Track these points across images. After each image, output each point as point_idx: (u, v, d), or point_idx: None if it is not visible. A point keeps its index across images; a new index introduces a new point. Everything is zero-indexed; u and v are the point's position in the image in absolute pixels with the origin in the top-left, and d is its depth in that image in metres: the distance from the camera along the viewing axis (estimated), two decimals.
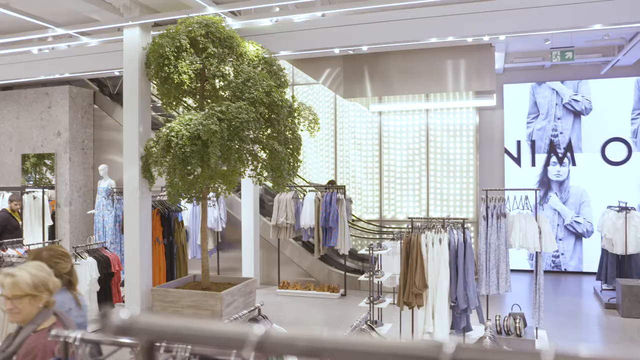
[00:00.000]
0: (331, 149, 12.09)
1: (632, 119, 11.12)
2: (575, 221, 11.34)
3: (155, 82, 7.61)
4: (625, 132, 11.14)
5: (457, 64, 9.65)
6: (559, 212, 11.41)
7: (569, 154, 11.37)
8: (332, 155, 12.09)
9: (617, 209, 8.86)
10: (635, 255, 8.87)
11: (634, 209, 8.88)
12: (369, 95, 10.30)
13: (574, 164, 11.35)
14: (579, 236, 11.33)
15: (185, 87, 7.26)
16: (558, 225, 11.40)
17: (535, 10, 7.64)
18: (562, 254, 11.35)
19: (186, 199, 7.38)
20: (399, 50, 9.48)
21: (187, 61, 7.07)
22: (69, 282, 3.15)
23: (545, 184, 11.48)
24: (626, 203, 8.91)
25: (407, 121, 11.54)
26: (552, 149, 11.46)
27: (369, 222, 11.54)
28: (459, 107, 11.16)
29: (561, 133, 11.41)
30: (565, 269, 11.34)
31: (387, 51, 9.58)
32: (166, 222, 8.73)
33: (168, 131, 6.68)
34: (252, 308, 4.37)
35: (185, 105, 7.93)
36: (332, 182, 10.66)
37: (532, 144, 11.55)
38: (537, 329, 6.67)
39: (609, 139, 11.21)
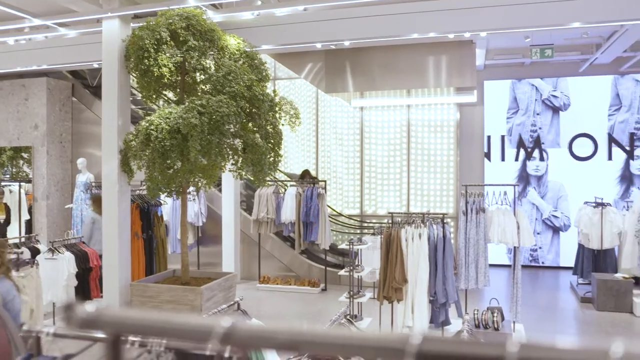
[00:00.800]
0: (313, 144, 12.08)
1: (609, 115, 11.29)
2: (553, 215, 11.50)
3: (134, 75, 7.52)
4: (602, 128, 11.31)
5: (438, 60, 9.69)
6: (537, 207, 11.57)
7: (545, 149, 11.52)
8: (314, 150, 12.08)
9: (594, 204, 9.01)
10: (610, 250, 9.03)
11: (610, 204, 9.03)
12: (350, 91, 10.30)
13: (542, 159, 11.49)
14: (556, 230, 11.50)
15: (166, 80, 7.19)
16: (536, 219, 11.55)
17: (515, 8, 7.70)
18: (540, 247, 11.51)
19: (166, 193, 7.32)
20: (381, 45, 9.50)
21: (168, 54, 7.00)
22: (7, 269, 3.24)
23: (524, 178, 11.62)
24: (602, 199, 9.06)
25: (389, 117, 11.57)
26: (532, 144, 11.60)
27: (349, 217, 11.57)
28: (439, 103, 11.23)
29: (540, 128, 11.55)
30: (542, 263, 11.51)
31: (369, 46, 9.59)
32: (145, 216, 8.65)
33: (147, 124, 6.61)
34: (231, 303, 4.35)
35: (166, 98, 7.85)
36: (306, 172, 10.67)
37: (512, 139, 11.67)
38: (514, 322, 6.76)
39: (576, 135, 11.38)
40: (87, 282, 7.38)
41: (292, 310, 8.46)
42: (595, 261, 9.10)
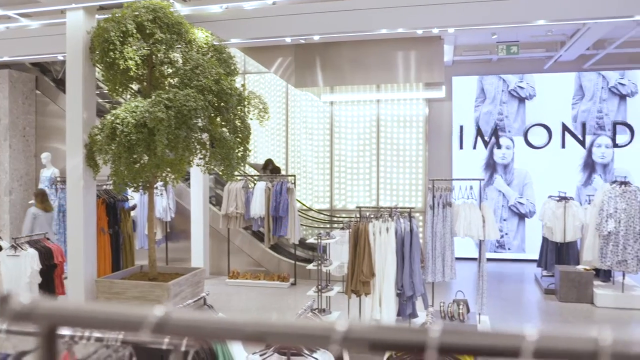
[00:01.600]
0: (283, 138, 12.06)
1: (573, 104, 11.56)
2: (519, 202, 11.75)
3: (100, 68, 7.39)
4: (566, 118, 11.57)
5: (407, 55, 9.77)
6: (503, 194, 11.80)
7: (512, 137, 11.74)
8: (284, 144, 12.06)
9: (557, 198, 9.22)
10: (573, 243, 9.27)
11: (573, 198, 9.25)
12: (320, 85, 10.32)
13: (508, 147, 11.73)
14: (522, 217, 11.76)
15: (132, 73, 7.08)
16: (503, 206, 11.79)
17: (482, 5, 7.82)
18: (506, 233, 11.75)
19: (132, 188, 7.22)
20: (351, 40, 9.52)
21: (134, 47, 6.89)
22: None
23: (490, 166, 11.83)
24: (565, 193, 9.28)
25: (358, 111, 11.63)
26: (496, 132, 11.80)
27: (319, 211, 11.60)
28: (409, 98, 11.33)
29: (507, 117, 11.77)
30: (509, 249, 11.74)
31: (338, 41, 9.61)
32: (112, 211, 8.52)
33: (113, 118, 6.51)
34: (198, 297, 4.33)
35: (132, 92, 7.74)
36: (269, 161, 10.67)
37: (479, 128, 11.84)
38: (479, 314, 6.89)
39: (535, 124, 11.65)
40: (51, 279, 7.24)
41: (260, 304, 8.46)
42: (558, 254, 9.32)
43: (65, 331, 1.76)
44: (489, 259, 10.48)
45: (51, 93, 11.90)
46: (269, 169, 10.59)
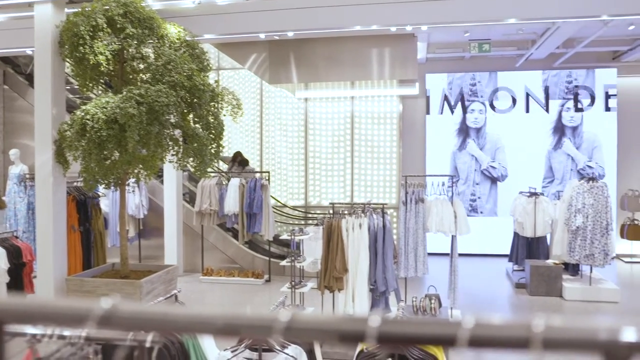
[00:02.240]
0: (257, 134, 12.02)
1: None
2: (491, 166, 11.93)
3: (70, 63, 7.26)
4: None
5: (381, 52, 9.82)
6: (476, 158, 11.97)
7: (484, 102, 11.91)
8: (258, 141, 12.02)
9: (528, 194, 9.38)
10: (543, 238, 9.45)
11: (543, 194, 9.43)
12: (294, 82, 10.30)
13: (481, 112, 11.94)
14: (494, 180, 11.94)
15: (102, 68, 6.97)
16: (475, 170, 11.97)
17: (455, 3, 7.90)
18: (479, 197, 11.92)
19: (103, 185, 7.12)
20: (325, 37, 9.53)
21: (104, 42, 6.79)
22: None
23: (464, 130, 11.97)
24: (535, 189, 9.45)
25: (333, 108, 11.65)
26: (470, 97, 11.96)
27: (294, 208, 11.60)
28: (383, 95, 11.39)
29: (479, 81, 11.92)
30: (481, 212, 11.92)
31: (312, 38, 9.60)
32: (82, 208, 8.39)
33: (83, 114, 6.40)
34: (169, 295, 4.30)
35: (103, 87, 7.62)
36: (238, 154, 10.64)
37: (452, 93, 11.97)
38: (451, 308, 6.98)
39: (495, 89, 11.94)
40: (20, 278, 7.10)
41: (234, 301, 8.43)
42: (529, 248, 9.49)
43: (28, 329, 1.73)
44: (461, 254, 10.62)
45: (19, 88, 11.65)
46: (237, 160, 10.54)
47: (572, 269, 8.95)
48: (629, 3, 7.52)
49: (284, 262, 6.80)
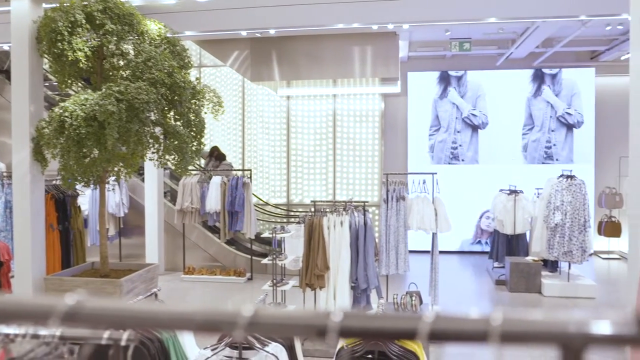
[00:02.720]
0: (239, 132, 11.98)
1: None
2: (472, 114, 12.04)
3: (48, 59, 7.15)
4: None
5: (363, 50, 9.85)
6: (457, 106, 12.07)
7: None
8: (240, 139, 11.98)
9: (507, 192, 9.49)
10: (522, 235, 9.57)
11: (522, 192, 9.53)
12: (276, 79, 10.28)
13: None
14: (475, 128, 12.06)
15: (81, 65, 6.88)
16: (456, 118, 12.06)
17: (436, 1, 7.96)
18: (460, 145, 12.04)
19: (82, 183, 7.04)
20: (307, 34, 9.52)
21: (83, 38, 6.70)
22: None
23: (445, 79, 12.05)
24: (515, 186, 9.56)
25: (315, 106, 11.65)
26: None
27: (276, 206, 11.58)
28: (365, 93, 11.43)
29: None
30: (462, 160, 12.02)
31: (294, 35, 9.59)
32: (61, 207, 8.29)
33: (61, 111, 6.32)
34: (149, 293, 4.27)
35: (82, 84, 7.53)
36: (215, 148, 10.60)
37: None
38: (432, 305, 7.04)
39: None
40: None
41: (216, 300, 8.40)
42: (509, 246, 9.60)
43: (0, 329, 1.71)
44: (443, 252, 10.71)
45: None
46: (214, 155, 10.51)
47: (551, 265, 9.08)
48: (605, 4, 7.64)
49: (265, 260, 6.80)
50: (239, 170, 10.14)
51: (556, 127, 11.77)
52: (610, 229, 10.79)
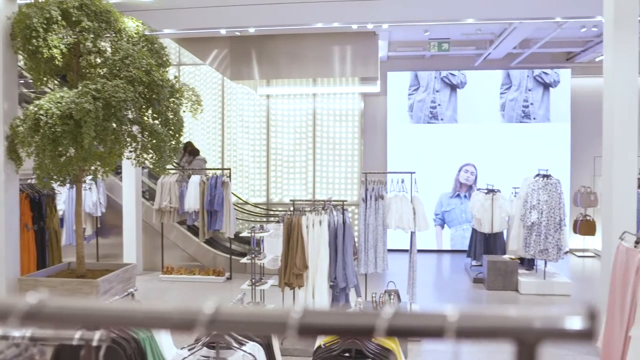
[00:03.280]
0: (218, 131, 11.92)
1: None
2: (450, 74, 12.14)
3: (23, 56, 7.03)
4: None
5: (343, 50, 9.87)
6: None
7: None
8: (220, 138, 11.92)
9: (485, 191, 9.60)
10: (500, 234, 9.68)
11: (500, 191, 9.65)
12: (256, 78, 10.26)
13: None
14: (453, 87, 12.14)
15: (57, 62, 6.78)
16: (435, 77, 12.14)
17: (415, 2, 8.01)
18: (439, 104, 12.14)
19: (58, 182, 6.94)
20: (287, 33, 9.52)
21: (59, 35, 6.61)
22: None
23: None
24: (493, 186, 9.67)
25: (295, 105, 11.65)
26: None
27: (256, 205, 11.55)
28: (344, 93, 11.46)
29: None
30: (442, 119, 12.13)
31: (274, 34, 9.58)
32: (36, 206, 8.16)
33: (36, 109, 6.22)
34: (125, 293, 4.23)
35: (57, 81, 7.43)
36: (189, 144, 10.56)
37: None
38: (410, 304, 7.09)
39: None
40: None
41: (194, 300, 8.35)
42: (486, 244, 9.71)
43: None
44: (422, 250, 10.79)
45: None
46: (188, 150, 10.46)
47: (528, 263, 9.21)
48: (580, 6, 7.77)
49: (244, 260, 6.78)
50: (218, 169, 10.09)
51: (533, 87, 11.96)
52: (585, 227, 10.98)
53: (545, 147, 11.84)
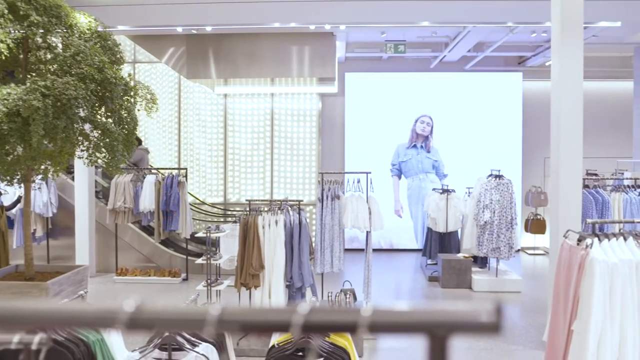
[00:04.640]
0: (175, 130, 11.76)
1: None
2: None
3: None
4: None
5: (301, 50, 9.89)
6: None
7: None
8: (176, 137, 11.76)
9: (440, 191, 9.79)
10: (454, 233, 9.89)
11: (454, 191, 9.86)
12: (213, 77, 10.17)
13: None
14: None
15: (3, 57, 6.55)
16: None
17: (372, 4, 8.11)
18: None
19: (5, 182, 6.71)
20: (245, 32, 9.48)
21: (6, 29, 6.39)
22: None
23: None
24: (447, 186, 9.88)
25: (253, 104, 11.61)
26: None
27: (213, 205, 11.45)
28: (302, 93, 11.48)
29: None
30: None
31: (232, 33, 9.53)
32: None
33: None
34: (75, 296, 4.13)
35: (4, 77, 7.17)
36: (138, 141, 10.38)
37: None
38: (366, 302, 7.16)
39: None
40: None
41: (150, 301, 8.21)
42: (441, 243, 9.91)
43: None
44: (378, 250, 10.94)
45: None
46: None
47: (481, 261, 9.44)
48: (530, 12, 8.03)
49: (199, 260, 6.72)
50: (174, 168, 9.95)
51: None
52: (536, 226, 11.33)
53: (498, 148, 12.16)
